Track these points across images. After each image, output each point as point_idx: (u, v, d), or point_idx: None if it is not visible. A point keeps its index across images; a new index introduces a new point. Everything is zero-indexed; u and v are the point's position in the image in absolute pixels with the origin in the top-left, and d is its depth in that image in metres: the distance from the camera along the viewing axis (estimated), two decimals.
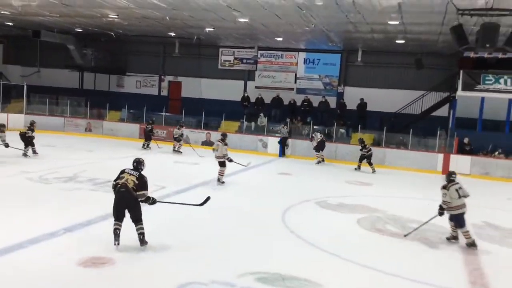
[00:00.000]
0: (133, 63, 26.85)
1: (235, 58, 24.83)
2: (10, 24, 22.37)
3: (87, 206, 9.34)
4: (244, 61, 24.65)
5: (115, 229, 6.89)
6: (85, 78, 27.75)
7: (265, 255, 7.24)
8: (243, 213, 9.93)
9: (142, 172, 7.22)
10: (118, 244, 6.83)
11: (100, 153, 17.11)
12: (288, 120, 20.96)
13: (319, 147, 18.33)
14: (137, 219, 6.97)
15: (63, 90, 25.63)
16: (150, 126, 19.65)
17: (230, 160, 12.80)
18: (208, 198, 7.91)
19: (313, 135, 18.96)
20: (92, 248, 6.85)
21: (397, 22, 15.41)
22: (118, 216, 6.95)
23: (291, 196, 11.69)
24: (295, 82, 24.08)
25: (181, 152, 18.60)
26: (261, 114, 22.01)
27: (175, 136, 19.10)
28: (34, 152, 15.18)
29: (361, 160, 17.23)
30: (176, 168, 15.41)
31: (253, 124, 21.86)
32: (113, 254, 6.66)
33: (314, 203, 11.13)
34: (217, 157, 12.67)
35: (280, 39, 20.72)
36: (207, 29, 19.34)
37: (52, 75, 27.17)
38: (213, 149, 12.95)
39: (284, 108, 22.88)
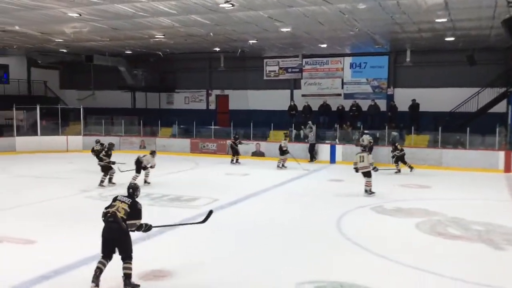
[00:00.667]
0: (181, 80, 27.53)
1: (280, 68, 24.89)
2: (65, 50, 23.58)
3: (145, 220, 9.56)
4: (289, 70, 24.66)
5: (97, 268, 5.94)
6: (137, 98, 28.73)
7: (322, 263, 7.13)
8: (296, 221, 9.84)
9: (137, 199, 6.43)
10: (97, 286, 5.85)
11: (154, 169, 17.52)
12: (310, 122, 20.55)
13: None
14: (125, 256, 6.00)
15: (117, 111, 26.63)
16: (237, 140, 19.45)
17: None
18: (210, 212, 7.17)
19: (360, 139, 18.57)
20: (152, 262, 7.00)
21: (445, 20, 14.92)
22: (105, 252, 6.04)
23: (344, 203, 11.48)
24: (342, 87, 23.79)
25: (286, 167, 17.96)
26: (309, 122, 21.85)
27: (283, 148, 18.19)
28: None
29: (396, 162, 16.75)
30: (228, 179, 15.55)
31: (301, 132, 21.75)
32: (173, 267, 6.78)
33: (369, 209, 10.87)
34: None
35: (324, 45, 20.58)
36: (251, 41, 19.53)
37: (106, 96, 28.31)
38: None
39: (332, 114, 22.63)
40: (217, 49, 22.20)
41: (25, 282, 6.10)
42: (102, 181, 13.56)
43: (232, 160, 19.19)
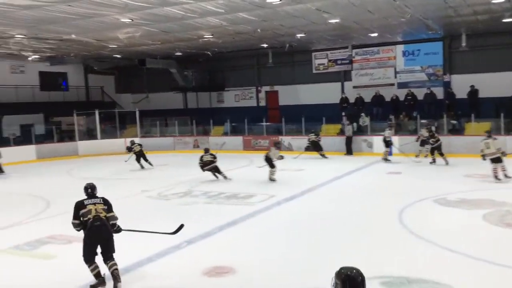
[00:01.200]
0: (231, 78, 27.77)
1: (329, 60, 24.53)
2: (119, 56, 24.40)
3: (204, 218, 9.78)
4: (339, 62, 24.24)
5: (98, 273, 6.02)
6: (188, 98, 29.30)
7: (386, 258, 6.96)
8: (356, 215, 9.67)
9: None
10: (119, 282, 5.97)
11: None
12: (363, 114, 20.04)
13: (425, 141, 17.34)
14: (111, 254, 6.11)
15: (170, 112, 27.27)
16: (318, 137, 19.52)
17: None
18: (181, 226, 6.96)
19: (420, 133, 17.87)
20: (213, 258, 7.12)
21: (502, 0, 14.12)
22: (92, 258, 6.05)
23: (405, 196, 11.14)
24: (395, 76, 23.10)
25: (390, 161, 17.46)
26: (362, 114, 21.42)
27: (387, 139, 17.55)
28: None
29: (432, 152, 16.08)
30: (283, 175, 15.50)
31: (355, 125, 21.36)
32: (234, 262, 6.85)
33: (432, 201, 10.50)
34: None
35: (375, 34, 20.05)
36: (298, 35, 19.36)
37: (159, 98, 29.09)
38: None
39: (386, 105, 22.05)
40: (265, 45, 22.19)
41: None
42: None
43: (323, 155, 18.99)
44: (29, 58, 23.49)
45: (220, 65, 27.26)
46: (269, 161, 14.03)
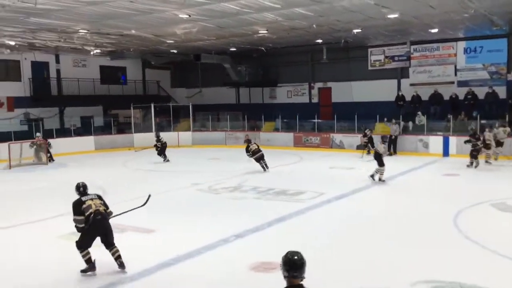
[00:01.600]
0: (284, 74, 27.69)
1: (386, 57, 23.88)
2: (175, 51, 24.94)
3: (253, 213, 9.84)
4: (396, 58, 23.53)
5: (89, 258, 6.52)
6: (241, 93, 29.53)
7: (439, 263, 6.70)
8: (409, 217, 9.39)
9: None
10: (124, 270, 6.55)
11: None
12: (419, 113, 19.32)
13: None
14: (112, 241, 6.64)
15: (222, 106, 27.61)
16: (369, 133, 19.45)
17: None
18: (149, 196, 7.44)
19: (496, 131, 16.96)
20: (262, 253, 7.14)
21: None
22: (89, 245, 6.57)
23: (461, 199, 10.69)
24: (456, 74, 22.14)
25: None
26: (419, 113, 20.71)
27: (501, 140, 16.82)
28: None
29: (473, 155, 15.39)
30: (332, 173, 15.34)
31: (410, 123, 20.70)
32: None
33: (489, 205, 10.00)
34: None
35: (435, 30, 19.27)
36: (355, 31, 18.96)
37: (212, 93, 29.51)
38: None
39: (444, 103, 21.19)
40: (320, 41, 21.92)
41: (147, 269, 6.56)
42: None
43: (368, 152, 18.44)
44: (91, 53, 24.51)
45: (274, 60, 27.24)
46: (379, 158, 13.20)
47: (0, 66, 23.48)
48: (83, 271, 6.49)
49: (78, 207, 6.61)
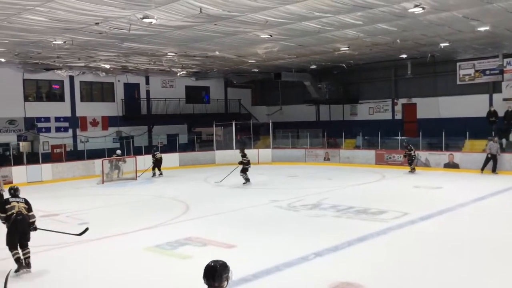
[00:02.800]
0: (365, 90, 27.17)
1: (476, 71, 22.56)
2: (256, 70, 25.52)
3: (332, 231, 9.67)
4: (487, 72, 22.16)
5: (18, 258, 7.25)
6: (320, 110, 29.39)
7: None
8: (498, 242, 8.66)
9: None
10: (28, 269, 7.31)
11: (339, 180, 17.60)
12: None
13: None
14: (27, 243, 7.42)
15: (302, 124, 27.64)
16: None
17: None
18: (86, 229, 8.00)
19: None
20: (341, 273, 6.98)
21: None
22: (15, 245, 7.32)
23: None
24: None
25: None
26: None
27: None
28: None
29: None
30: (417, 192, 14.66)
31: (504, 141, 19.28)
32: (363, 280, 6.62)
33: None
34: None
35: None
36: (442, 45, 18.16)
37: (292, 111, 29.69)
38: None
39: None
40: (404, 55, 21.27)
41: (229, 283, 6.64)
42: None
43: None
44: (178, 74, 25.83)
45: (355, 77, 26.86)
46: None
47: (97, 88, 25.48)
48: (16, 271, 7.16)
49: (3, 205, 7.55)
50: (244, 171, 17.16)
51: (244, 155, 17.41)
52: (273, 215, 11.69)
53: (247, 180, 17.08)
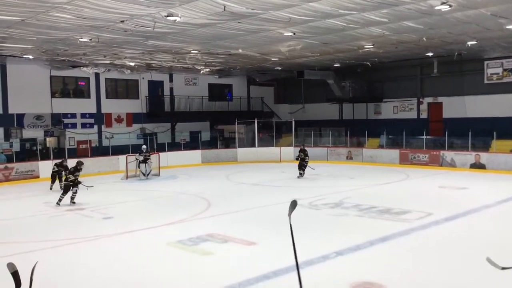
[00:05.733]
0: (389, 89, 26.83)
1: (504, 70, 22.02)
2: (279, 68, 25.47)
3: (354, 231, 9.58)
4: None
5: None
6: (344, 109, 29.16)
7: None
8: None
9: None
10: None
11: (362, 180, 17.43)
12: None
13: None
14: None
15: (325, 122, 27.48)
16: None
17: None
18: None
19: None
20: (363, 273, 6.90)
21: None
22: None
23: None
24: None
25: None
26: None
27: None
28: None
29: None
30: (441, 193, 14.41)
31: None
32: (385, 280, 6.54)
33: None
34: None
35: None
36: (469, 43, 17.80)
37: (314, 109, 29.55)
38: None
39: None
40: (430, 54, 20.91)
41: (247, 280, 6.67)
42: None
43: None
44: (201, 72, 25.99)
45: (379, 75, 26.55)
46: None
47: (122, 85, 25.86)
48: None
49: None
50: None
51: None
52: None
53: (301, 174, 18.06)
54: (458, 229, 9.80)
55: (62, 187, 13.94)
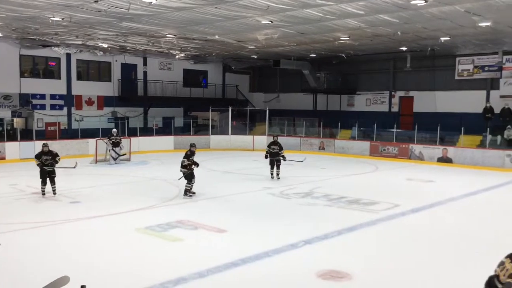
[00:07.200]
0: (363, 81, 27.12)
1: (475, 67, 22.54)
2: (255, 56, 25.38)
3: (323, 220, 9.72)
4: (486, 68, 22.14)
5: None
6: (318, 100, 29.34)
7: None
8: (486, 236, 8.77)
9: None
10: None
11: (333, 170, 17.66)
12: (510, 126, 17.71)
13: None
14: None
15: (299, 112, 27.58)
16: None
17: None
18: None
19: None
20: (330, 261, 7.03)
21: None
22: None
23: None
24: None
25: None
26: (509, 126, 19.33)
27: None
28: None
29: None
30: (409, 185, 14.75)
31: (498, 137, 19.36)
32: (351, 268, 6.68)
33: None
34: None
35: None
36: (442, 39, 18.11)
37: (289, 99, 29.63)
38: None
39: None
40: (404, 48, 21.21)
41: (217, 267, 6.70)
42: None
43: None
44: (176, 57, 25.65)
45: (354, 68, 26.79)
46: None
47: (94, 67, 25.29)
48: None
49: None
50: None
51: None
52: (265, 202, 11.72)
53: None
54: (423, 220, 10.07)
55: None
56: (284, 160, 14.80)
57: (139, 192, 12.80)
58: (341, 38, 18.37)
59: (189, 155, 12.02)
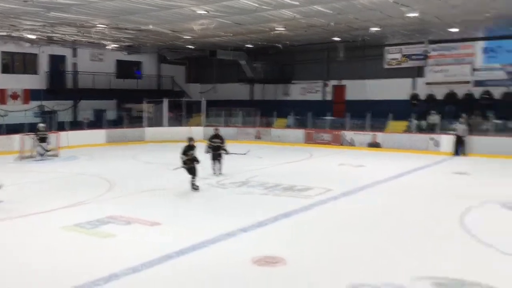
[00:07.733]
0: (299, 71, 27.60)
1: (403, 56, 23.60)
2: (191, 47, 25.03)
3: (258, 208, 9.83)
4: (413, 57, 23.25)
5: None
6: (255, 90, 29.52)
7: (442, 260, 6.64)
8: (415, 215, 9.33)
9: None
10: None
11: (269, 159, 17.85)
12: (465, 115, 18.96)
13: None
14: None
15: (236, 102, 27.64)
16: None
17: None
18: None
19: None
20: (265, 248, 7.13)
21: None
22: None
23: (469, 198, 10.55)
24: (472, 74, 21.78)
25: None
26: (433, 112, 20.49)
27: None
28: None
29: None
30: (341, 170, 15.29)
31: (423, 122, 20.48)
32: (286, 254, 6.80)
33: (498, 205, 9.88)
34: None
35: (455, 29, 18.94)
36: (373, 29, 18.76)
37: (226, 89, 29.59)
38: None
39: (459, 103, 20.91)
40: (337, 38, 21.77)
41: (151, 261, 6.57)
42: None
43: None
44: (108, 47, 24.75)
45: (289, 58, 27.17)
46: None
47: (18, 59, 23.90)
48: None
49: None
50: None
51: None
52: (201, 192, 11.64)
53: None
54: (354, 202, 10.48)
55: None
56: (227, 153, 13.92)
57: (67, 188, 12.22)
58: (277, 29, 18.54)
59: (186, 149, 11.68)
